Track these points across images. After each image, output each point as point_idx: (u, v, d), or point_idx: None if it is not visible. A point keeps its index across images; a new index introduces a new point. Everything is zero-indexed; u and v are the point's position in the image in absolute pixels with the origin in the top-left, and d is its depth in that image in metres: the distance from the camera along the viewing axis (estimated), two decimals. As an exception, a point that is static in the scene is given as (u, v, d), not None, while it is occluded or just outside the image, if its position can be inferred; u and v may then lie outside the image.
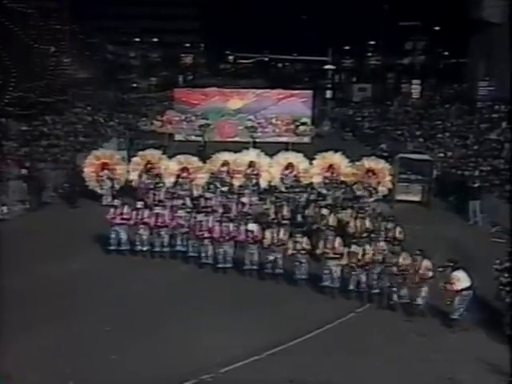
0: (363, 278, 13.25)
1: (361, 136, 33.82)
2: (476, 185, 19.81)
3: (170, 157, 20.75)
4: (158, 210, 15.67)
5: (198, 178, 19.85)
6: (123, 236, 15.45)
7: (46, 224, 18.16)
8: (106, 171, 20.38)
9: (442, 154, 24.75)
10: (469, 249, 16.08)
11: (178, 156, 20.70)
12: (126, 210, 15.63)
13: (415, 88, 40.49)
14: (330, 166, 19.80)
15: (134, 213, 15.56)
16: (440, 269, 12.61)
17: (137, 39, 59.93)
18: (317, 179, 19.76)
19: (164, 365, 10.66)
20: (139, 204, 16.00)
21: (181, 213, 15.59)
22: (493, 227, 18.47)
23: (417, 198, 21.22)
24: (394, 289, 12.87)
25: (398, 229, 14.79)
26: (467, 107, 33.41)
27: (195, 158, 20.51)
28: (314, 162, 20.02)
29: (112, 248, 15.49)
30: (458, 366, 10.82)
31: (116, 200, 16.46)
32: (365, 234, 14.82)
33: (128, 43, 58.36)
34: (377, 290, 13.26)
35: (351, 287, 13.35)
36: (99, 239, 16.21)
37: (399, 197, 20.81)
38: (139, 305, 12.93)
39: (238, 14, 58.38)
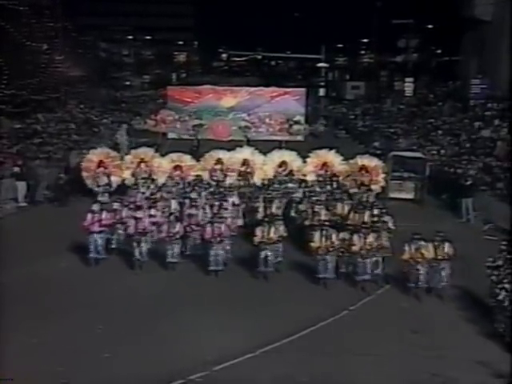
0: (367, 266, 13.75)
1: (354, 134, 33.83)
2: (468, 182, 19.88)
3: (163, 155, 20.68)
4: (138, 214, 15.02)
5: (190, 176, 19.66)
6: (101, 243, 14.72)
7: (37, 222, 18.08)
8: (101, 169, 20.21)
9: (434, 152, 24.77)
10: (461, 246, 16.12)
11: (171, 154, 20.62)
12: (104, 215, 14.85)
13: (408, 86, 40.45)
14: (324, 164, 19.76)
15: (111, 216, 14.96)
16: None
17: (130, 37, 59.62)
18: (311, 177, 19.70)
19: (155, 364, 10.60)
20: (116, 205, 15.57)
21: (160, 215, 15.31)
22: (485, 225, 18.57)
23: (410, 196, 21.28)
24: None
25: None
26: (460, 105, 33.40)
27: (188, 156, 20.43)
28: (308, 159, 20.01)
29: (92, 256, 14.76)
30: (450, 363, 10.83)
31: (94, 205, 15.24)
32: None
33: (121, 41, 58.04)
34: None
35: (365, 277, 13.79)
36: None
37: (392, 194, 20.82)
38: (130, 304, 12.88)
39: (231, 12, 58.29)
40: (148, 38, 61.20)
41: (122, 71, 52.59)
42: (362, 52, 61.90)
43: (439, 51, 53.32)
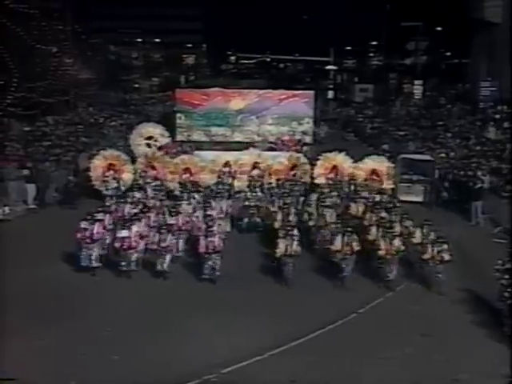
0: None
1: (363, 137, 33.68)
2: (478, 185, 19.81)
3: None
4: (123, 233, 14.62)
5: (201, 179, 19.90)
6: (95, 253, 14.53)
7: (46, 225, 18.08)
8: (111, 172, 20.34)
9: (444, 155, 24.68)
10: (471, 250, 16.07)
11: (182, 156, 20.85)
12: (96, 229, 14.64)
13: (417, 88, 40.63)
14: (334, 167, 19.86)
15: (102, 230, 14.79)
16: None
17: (139, 40, 59.79)
18: (320, 180, 19.82)
19: (166, 366, 10.58)
20: (108, 219, 15.33)
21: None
22: (495, 228, 18.50)
23: (418, 199, 21.20)
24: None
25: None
26: (469, 107, 33.37)
27: (198, 159, 20.56)
28: (318, 162, 20.09)
29: (83, 265, 14.54)
30: (460, 366, 10.78)
31: (84, 222, 14.74)
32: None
33: (130, 43, 58.12)
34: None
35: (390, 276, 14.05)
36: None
37: (401, 197, 20.64)
38: (138, 306, 12.94)
39: (240, 15, 58.17)
40: (157, 40, 61.02)
41: (130, 74, 52.55)
42: (371, 54, 61.55)
43: (448, 53, 53.02)
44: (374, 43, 58.06)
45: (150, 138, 23.95)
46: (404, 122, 33.72)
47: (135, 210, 16.38)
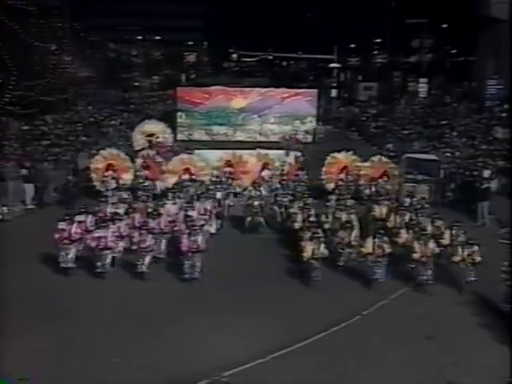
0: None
1: (366, 136, 33.41)
2: (484, 186, 19.68)
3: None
4: (100, 232, 14.57)
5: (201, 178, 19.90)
6: (71, 254, 14.48)
7: (44, 225, 17.39)
8: (110, 172, 20.33)
9: (449, 154, 24.43)
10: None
11: (181, 155, 20.86)
12: (74, 229, 14.64)
13: (422, 87, 40.70)
14: (345, 167, 20.03)
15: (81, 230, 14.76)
16: None
17: (139, 37, 59.72)
18: (329, 180, 19.97)
19: (166, 368, 10.56)
20: (89, 219, 15.30)
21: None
22: (501, 228, 18.34)
23: (424, 200, 21.07)
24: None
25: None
26: (475, 106, 33.27)
27: (198, 158, 20.62)
28: (326, 162, 20.23)
29: (63, 266, 14.49)
30: (465, 370, 10.69)
31: (61, 223, 14.75)
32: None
33: (130, 41, 58.11)
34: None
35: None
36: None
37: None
38: (138, 307, 12.89)
39: (241, 12, 57.99)
40: (157, 38, 60.89)
41: (130, 72, 52.64)
42: (375, 52, 61.19)
43: (454, 51, 52.72)
44: (379, 40, 57.76)
45: (151, 135, 23.99)
46: (409, 121, 33.48)
47: (117, 210, 16.35)
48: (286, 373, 10.52)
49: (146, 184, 19.86)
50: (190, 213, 16.17)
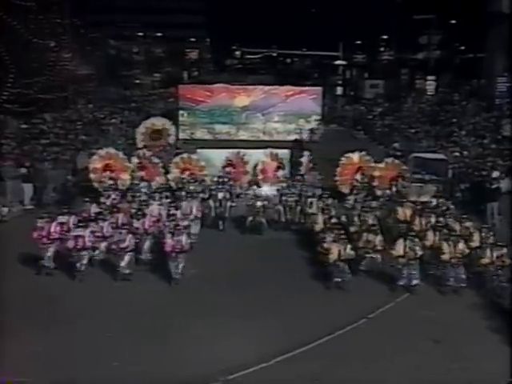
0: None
1: (373, 134, 33.22)
2: (494, 186, 19.54)
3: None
4: (78, 231, 14.64)
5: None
6: (49, 253, 14.49)
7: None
8: (107, 172, 20.44)
9: (457, 154, 24.20)
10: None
11: (180, 155, 21.00)
12: (53, 227, 14.65)
13: (430, 84, 41.04)
14: (360, 168, 20.16)
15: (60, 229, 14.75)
16: None
17: (140, 34, 59.65)
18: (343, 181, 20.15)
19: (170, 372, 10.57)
20: (72, 220, 15.27)
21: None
22: (511, 229, 18.03)
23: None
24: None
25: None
26: (484, 104, 33.14)
27: (197, 157, 20.76)
28: (340, 162, 20.44)
29: (45, 265, 14.55)
30: (472, 373, 10.66)
31: (40, 220, 14.86)
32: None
33: (131, 38, 58.08)
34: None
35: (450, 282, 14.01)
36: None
37: (413, 198, 20.10)
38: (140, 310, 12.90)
39: (245, 8, 57.88)
40: (159, 35, 60.79)
41: (131, 69, 52.66)
42: (382, 49, 61.36)
43: (463, 48, 52.46)
44: (385, 37, 57.77)
45: (155, 132, 24.24)
46: (416, 120, 33.22)
47: (99, 210, 16.48)
48: (291, 376, 10.49)
49: (141, 185, 19.86)
50: (173, 212, 16.23)
